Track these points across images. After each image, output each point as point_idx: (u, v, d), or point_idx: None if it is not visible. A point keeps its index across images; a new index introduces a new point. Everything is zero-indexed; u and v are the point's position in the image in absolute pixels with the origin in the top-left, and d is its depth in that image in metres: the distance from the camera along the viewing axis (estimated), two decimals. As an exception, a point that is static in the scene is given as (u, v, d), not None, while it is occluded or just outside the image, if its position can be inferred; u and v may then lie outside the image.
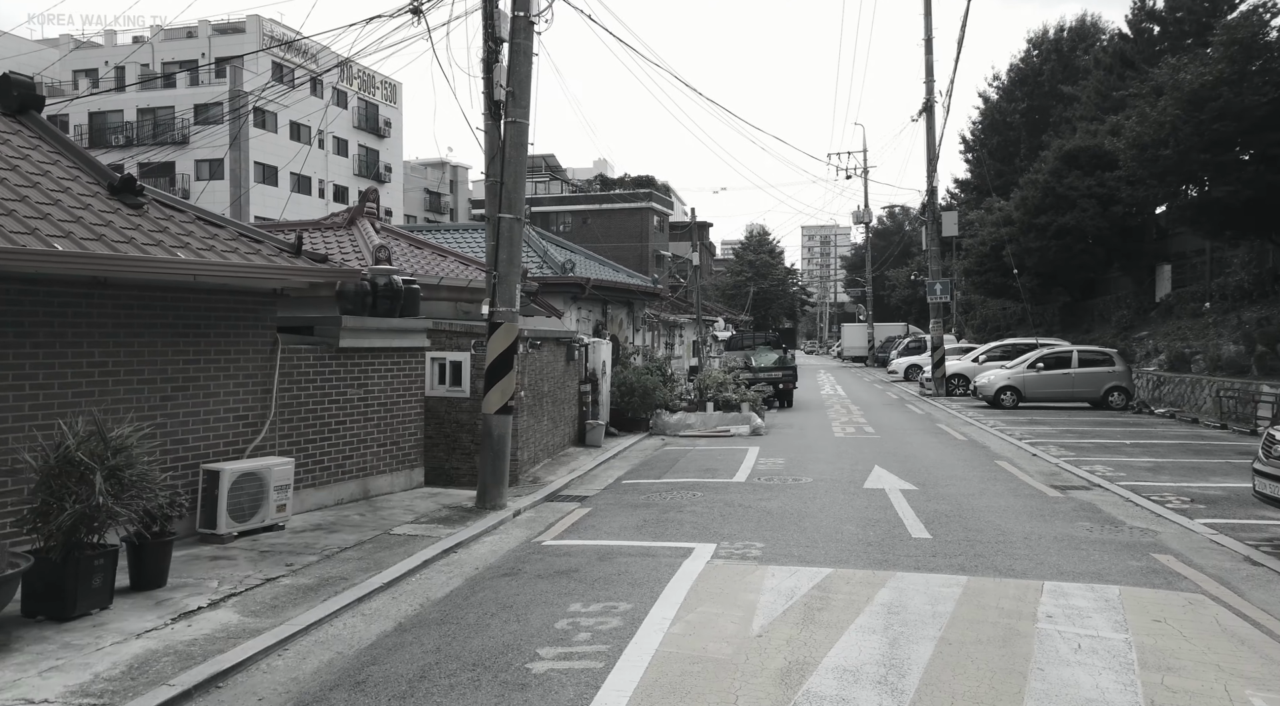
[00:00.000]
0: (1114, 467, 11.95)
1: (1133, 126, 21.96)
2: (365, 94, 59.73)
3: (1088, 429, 17.27)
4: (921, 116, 27.49)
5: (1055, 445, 14.55)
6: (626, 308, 20.41)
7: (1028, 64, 49.44)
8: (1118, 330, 30.47)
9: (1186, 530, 8.03)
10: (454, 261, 14.17)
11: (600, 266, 20.21)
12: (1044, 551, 7.23)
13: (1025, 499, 9.76)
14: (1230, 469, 11.70)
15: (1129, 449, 13.99)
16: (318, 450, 8.90)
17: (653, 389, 16.93)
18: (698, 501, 9.71)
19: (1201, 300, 26.21)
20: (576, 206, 72.12)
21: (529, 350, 11.70)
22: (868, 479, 11.23)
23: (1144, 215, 30.03)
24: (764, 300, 77.09)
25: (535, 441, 12.17)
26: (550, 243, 19.66)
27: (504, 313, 9.15)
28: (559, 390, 13.54)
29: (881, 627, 5.16)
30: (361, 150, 59.55)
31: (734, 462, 12.92)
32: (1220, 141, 19.32)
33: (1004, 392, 22.29)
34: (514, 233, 9.22)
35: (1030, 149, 43.75)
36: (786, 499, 9.81)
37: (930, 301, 27.88)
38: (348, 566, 6.81)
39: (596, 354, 16.32)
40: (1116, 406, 21.67)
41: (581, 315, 18.07)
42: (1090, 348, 23.18)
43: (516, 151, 9.19)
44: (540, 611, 5.63)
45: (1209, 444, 14.59)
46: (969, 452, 13.96)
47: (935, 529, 8.12)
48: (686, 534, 8.00)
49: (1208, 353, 21.88)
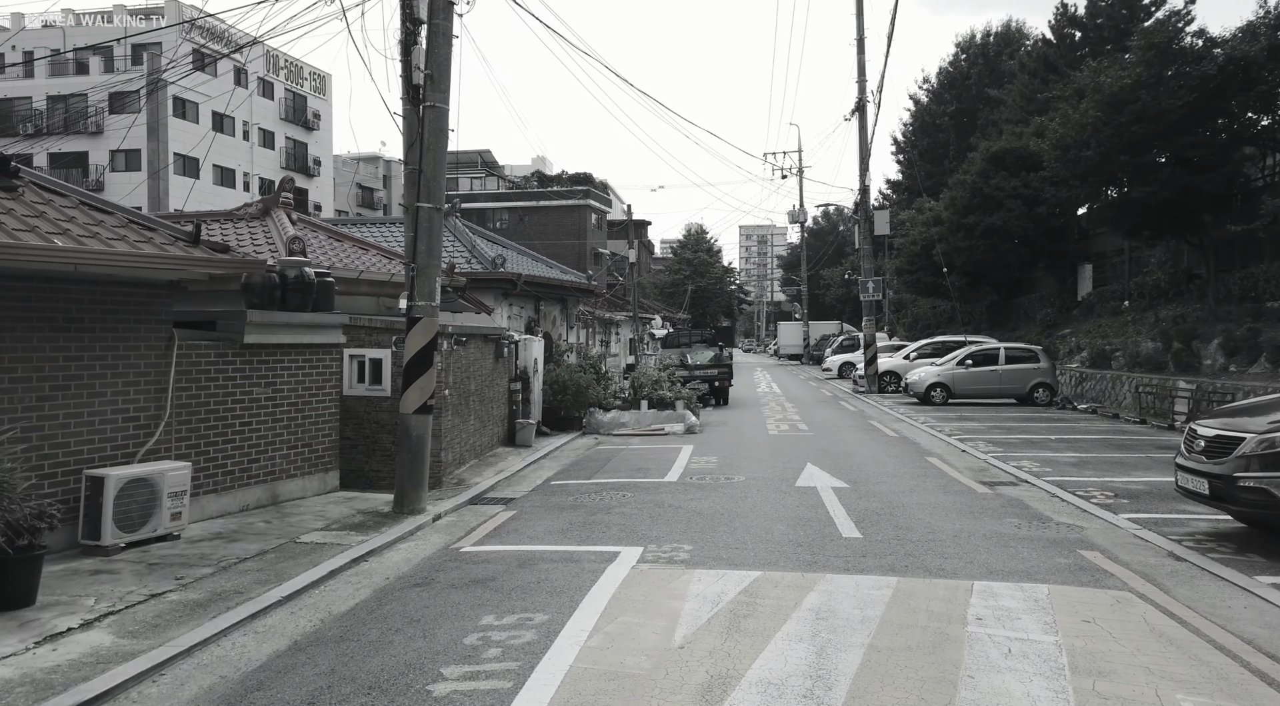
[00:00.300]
0: (1040, 463, 12.07)
1: (1056, 128, 22.46)
2: (293, 85, 57.88)
3: (1014, 424, 17.55)
4: (854, 116, 27.74)
5: (984, 441, 14.69)
6: (560, 305, 20.00)
7: (956, 68, 50.56)
8: (1042, 328, 31.27)
9: (1111, 525, 8.05)
10: (377, 255, 13.61)
11: (534, 262, 19.78)
12: (973, 549, 7.14)
13: (955, 495, 9.73)
14: (1151, 463, 11.92)
15: (1054, 444, 14.20)
16: (220, 453, 8.32)
17: (586, 387, 16.59)
18: (627, 502, 9.42)
19: (1121, 299, 27.04)
20: (513, 203, 71.21)
21: (454, 347, 11.25)
22: (800, 477, 11.10)
23: (1067, 216, 30.87)
24: (702, 298, 77.36)
25: (461, 441, 11.72)
26: (482, 237, 19.14)
27: (423, 307, 8.70)
28: (487, 388, 13.10)
29: (809, 635, 4.93)
30: (289, 142, 57.69)
31: (667, 462, 12.67)
32: (1139, 143, 19.86)
33: (934, 389, 22.59)
34: (434, 223, 8.78)
35: (959, 151, 44.70)
36: (718, 498, 9.59)
37: (863, 300, 28.16)
38: (245, 579, 6.31)
39: (528, 351, 15.91)
40: (1041, 402, 22.16)
41: (513, 312, 17.62)
42: (1016, 345, 23.68)
43: (436, 138, 8.74)
44: (450, 625, 5.25)
45: (1130, 439, 14.92)
46: (900, 449, 13.99)
47: (866, 528, 7.98)
48: (613, 537, 7.70)
49: (1127, 349, 22.54)
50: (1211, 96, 18.95)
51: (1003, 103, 39.80)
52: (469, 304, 14.73)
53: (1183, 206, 20.37)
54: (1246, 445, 6.72)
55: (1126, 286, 26.81)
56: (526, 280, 17.19)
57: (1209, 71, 18.66)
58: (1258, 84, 18.59)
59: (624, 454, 13.76)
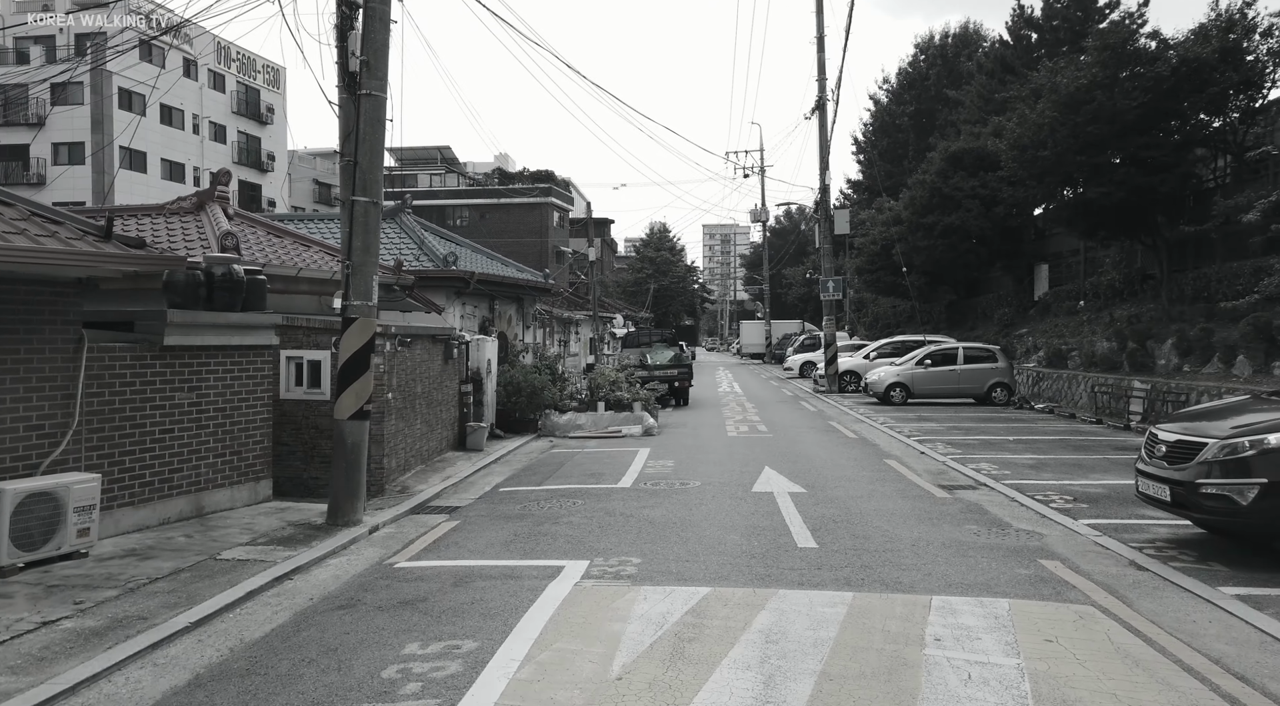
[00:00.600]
0: (999, 465, 11.92)
1: (1013, 128, 22.52)
2: (246, 78, 56.44)
3: (973, 425, 17.48)
4: (814, 114, 27.62)
5: (942, 442, 14.55)
6: (516, 304, 19.53)
7: (915, 68, 50.92)
8: (1000, 327, 31.48)
9: (1071, 532, 7.86)
10: (320, 252, 13.04)
11: (489, 260, 19.28)
12: (932, 560, 6.87)
13: (913, 500, 9.50)
14: (1109, 465, 11.83)
15: (1012, 445, 14.10)
16: (137, 463, 7.77)
17: (541, 388, 16.16)
18: (577, 510, 9.03)
19: (1076, 299, 27.27)
20: (474, 200, 70.33)
21: (398, 348, 10.77)
22: (757, 481, 10.80)
23: (1024, 216, 31.12)
24: (664, 297, 77.15)
25: (406, 447, 11.24)
26: (434, 234, 18.60)
27: (359, 306, 8.22)
28: (435, 391, 12.62)
29: (757, 661, 4.59)
30: (242, 137, 56.25)
31: (621, 466, 12.30)
32: (1094, 144, 19.95)
33: (893, 389, 22.53)
34: (370, 218, 8.29)
35: (918, 151, 44.99)
36: (671, 506, 9.24)
37: (823, 299, 28.07)
38: (153, 602, 5.82)
39: (480, 352, 15.44)
40: (999, 402, 22.20)
41: (466, 311, 17.12)
42: (974, 345, 23.72)
43: (373, 128, 8.27)
44: (369, 655, 4.82)
45: (1087, 439, 14.89)
46: (859, 451, 13.78)
47: (822, 536, 7.69)
48: (559, 549, 7.31)
49: (1083, 349, 22.68)
50: (1165, 98, 19.08)
51: (961, 103, 40.10)
52: (418, 303, 14.22)
53: (1137, 207, 20.51)
54: (1209, 451, 6.54)
55: (1082, 286, 27.05)
56: (480, 279, 16.70)
57: (1163, 72, 18.79)
58: (1209, 86, 18.75)
59: (578, 458, 13.37)
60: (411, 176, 73.86)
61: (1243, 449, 6.37)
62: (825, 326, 28.23)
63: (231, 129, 54.97)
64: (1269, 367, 15.18)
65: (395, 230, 17.71)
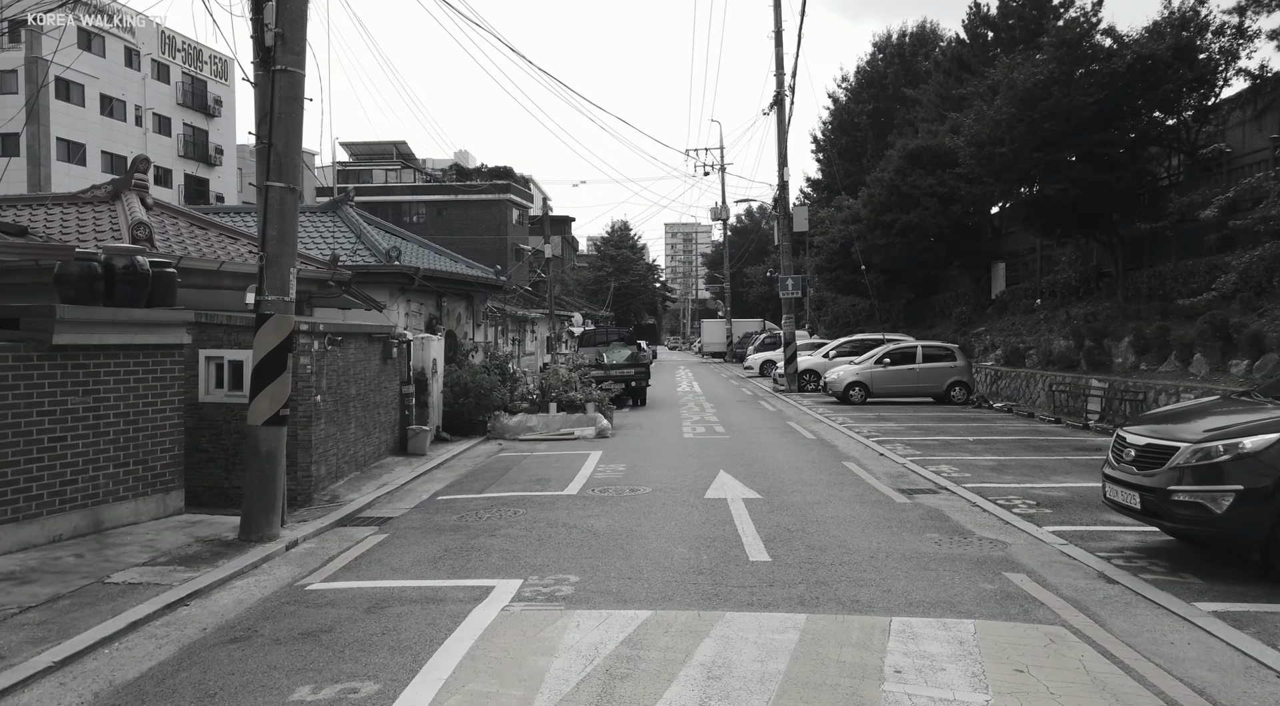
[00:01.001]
0: (959, 467, 11.57)
1: (971, 125, 22.36)
2: (192, 69, 54.65)
3: (932, 425, 17.20)
4: (773, 109, 27.26)
5: (901, 443, 14.21)
6: (466, 301, 18.82)
7: (873, 67, 50.99)
8: (958, 326, 31.47)
9: (1036, 540, 7.46)
10: (248, 245, 12.26)
11: (436, 256, 18.55)
12: (891, 574, 6.42)
13: (872, 506, 9.07)
14: (1070, 467, 11.54)
15: (972, 446, 13.79)
16: (22, 475, 7.00)
17: (489, 389, 15.51)
18: (518, 521, 8.44)
19: (1033, 297, 27.29)
20: (430, 197, 69.07)
21: (328, 347, 10.07)
22: (711, 486, 10.30)
23: (981, 215, 31.15)
24: (625, 295, 76.60)
25: (338, 453, 10.54)
26: (377, 228, 17.82)
27: (275, 302, 7.53)
28: (373, 392, 11.91)
29: (697, 703, 4.06)
30: (188, 129, 54.44)
31: (570, 471, 11.73)
32: (1051, 141, 19.83)
33: (853, 388, 22.24)
34: (286, 205, 7.61)
35: (876, 149, 45.03)
36: (618, 515, 8.69)
37: (782, 297, 27.75)
38: (17, 636, 5.11)
39: (425, 351, 14.74)
40: (958, 401, 22.02)
41: (411, 309, 16.39)
42: (933, 343, 23.54)
43: (289, 107, 7.58)
44: (251, 702, 4.19)
45: (1046, 439, 14.65)
46: (817, 453, 13.36)
47: (776, 548, 7.19)
48: (491, 567, 6.71)
49: (1040, 348, 22.61)
50: (1121, 94, 19.02)
51: (919, 102, 40.16)
52: (357, 300, 13.49)
53: (1093, 205, 20.45)
54: (1180, 456, 6.16)
55: (1039, 285, 27.07)
56: (425, 274, 15.98)
57: (1118, 68, 18.71)
58: (1164, 82, 18.71)
59: (526, 462, 12.76)
60: (366, 172, 72.32)
61: (1216, 453, 6.00)
62: (784, 325, 27.90)
63: (177, 121, 53.17)
64: (1225, 366, 15.09)
65: (337, 223, 16.92)
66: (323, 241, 16.12)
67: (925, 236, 30.54)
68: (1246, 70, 19.24)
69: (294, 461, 9.32)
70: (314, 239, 16.12)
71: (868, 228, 31.98)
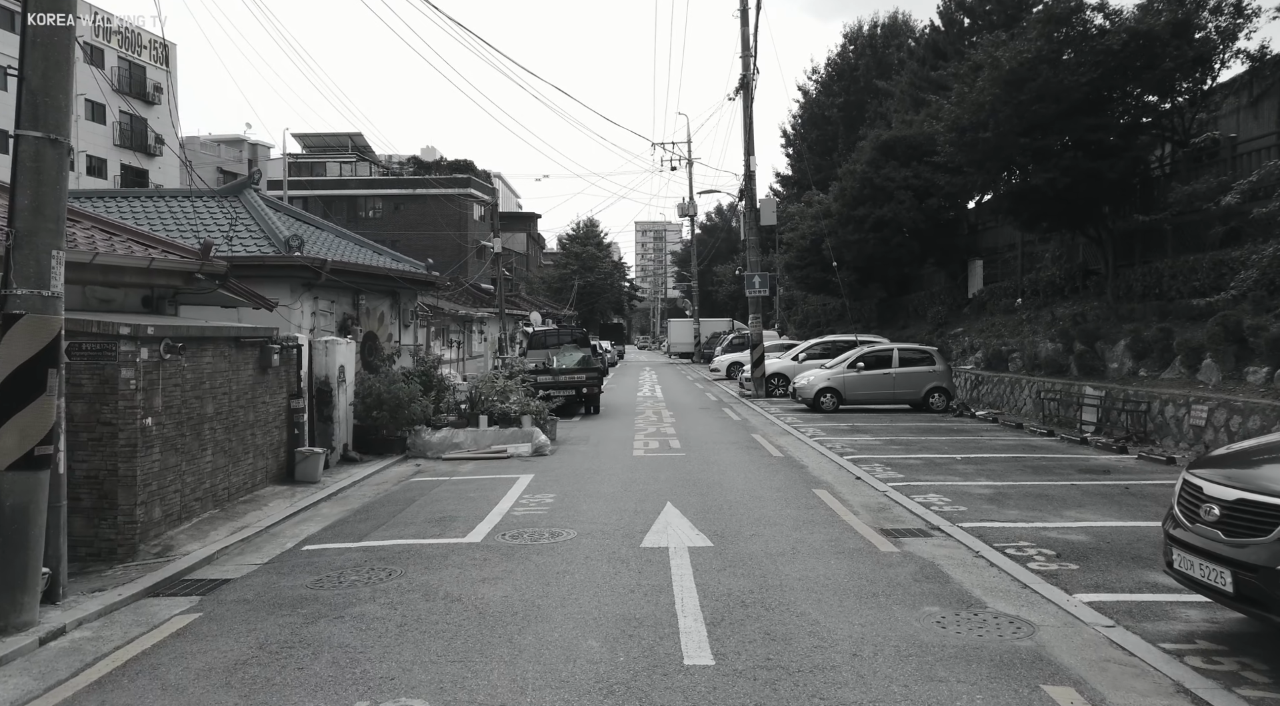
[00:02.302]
0: (951, 497, 9.71)
1: (951, 109, 20.62)
2: (129, 53, 51.65)
3: (912, 438, 15.40)
4: (739, 94, 25.39)
5: (880, 463, 12.35)
6: (390, 299, 16.67)
7: (844, 59, 49.51)
8: (933, 326, 29.85)
9: (1070, 619, 5.58)
10: (94, 229, 10.06)
11: (358, 248, 16.37)
12: (883, 688, 4.49)
13: (851, 559, 7.15)
14: (1081, 496, 9.72)
15: (961, 467, 11.96)
16: None
17: (407, 400, 13.41)
18: (387, 589, 6.40)
19: (1014, 296, 25.70)
20: (387, 191, 66.47)
21: (164, 357, 7.94)
22: (652, 528, 8.34)
23: (958, 209, 29.56)
24: (591, 294, 74.49)
25: (186, 487, 8.41)
26: (287, 214, 15.63)
27: (27, 298, 5.41)
28: (244, 409, 9.79)
29: None
30: (124, 117, 51.43)
31: (486, 503, 9.70)
32: (1039, 125, 18.14)
33: (824, 395, 20.43)
34: (46, 163, 5.48)
35: (847, 144, 43.52)
36: (523, 578, 6.68)
37: (749, 295, 25.89)
38: None
39: (329, 357, 12.63)
40: (937, 408, 20.29)
41: (320, 308, 14.23)
42: (910, 346, 21.79)
43: (50, 36, 5.47)
44: None
45: (1044, 457, 12.87)
46: (783, 477, 11.44)
47: (724, 638, 5.24)
48: (309, 684, 4.66)
49: (1025, 350, 20.96)
50: (1114, 74, 17.38)
51: (891, 95, 38.66)
52: (239, 296, 11.32)
53: (1082, 196, 18.81)
54: (1297, 519, 4.28)
55: (1019, 283, 25.48)
56: (337, 268, 13.84)
57: (1113, 46, 17.05)
58: (1162, 61, 17.08)
59: (439, 491, 10.70)
60: (320, 165, 69.48)
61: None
62: (751, 325, 26.06)
63: (112, 108, 50.13)
64: (1240, 373, 13.42)
65: (237, 210, 14.70)
66: (216, 229, 13.92)
67: (899, 231, 28.89)
68: (1245, 52, 17.70)
69: (113, 503, 7.23)
70: (206, 226, 13.92)
71: (839, 223, 30.27)
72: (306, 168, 69.20)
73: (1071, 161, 17.95)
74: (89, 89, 48.71)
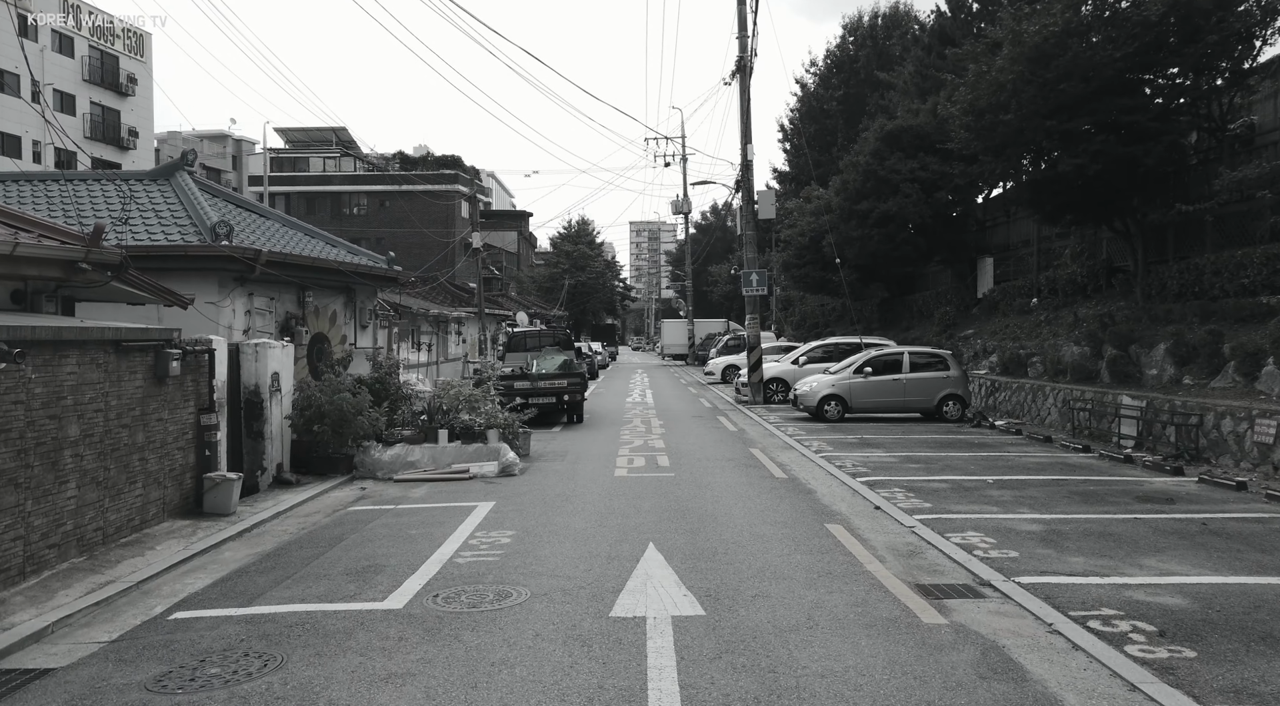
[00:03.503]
0: (994, 535, 7.97)
1: (965, 93, 18.87)
2: (101, 42, 49.68)
3: (931, 454, 13.66)
4: (735, 78, 23.62)
5: (900, 487, 10.61)
6: (345, 296, 14.85)
7: (843, 51, 47.83)
8: (941, 328, 28.12)
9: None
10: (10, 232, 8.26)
11: (308, 239, 14.53)
12: None
13: (887, 638, 5.39)
14: (1153, 536, 7.98)
15: (995, 493, 10.22)
16: None
17: (353, 413, 11.61)
18: (247, 699, 4.62)
19: (1029, 295, 24.01)
20: (373, 187, 64.58)
21: (12, 365, 6.15)
22: (628, 584, 6.58)
23: (967, 203, 27.85)
24: (582, 294, 72.63)
25: (32, 534, 6.61)
26: (220, 197, 13.83)
27: None
28: (128, 429, 7.99)
29: None
30: (96, 108, 49.48)
31: (429, 544, 7.93)
32: (1067, 106, 16.42)
33: (828, 402, 18.68)
34: None
35: (847, 138, 41.90)
36: (444, 673, 4.90)
37: (746, 294, 24.13)
38: None
39: (261, 362, 10.86)
40: (952, 418, 18.56)
41: (257, 305, 12.42)
42: (922, 349, 20.04)
43: None
44: None
45: (1089, 480, 11.12)
46: (789, 506, 9.68)
47: (718, 798, 3.47)
48: None
49: (1046, 354, 19.24)
50: (1150, 50, 15.67)
51: (893, 86, 36.95)
52: (142, 290, 9.50)
53: (1112, 185, 17.10)
54: None
55: (1035, 281, 23.78)
56: (275, 260, 12.03)
57: (1150, 17, 15.33)
58: (1204, 34, 15.35)
59: (375, 526, 8.92)
60: (303, 160, 67.52)
61: None
62: (749, 326, 24.30)
63: (83, 99, 48.23)
64: (1311, 382, 11.71)
65: (166, 194, 12.90)
66: (138, 215, 12.12)
67: (905, 227, 27.15)
68: (1286, 30, 15.99)
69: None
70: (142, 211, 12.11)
71: (841, 218, 28.53)
72: (289, 163, 67.27)
73: (1102, 146, 16.23)
74: (59, 79, 46.81)
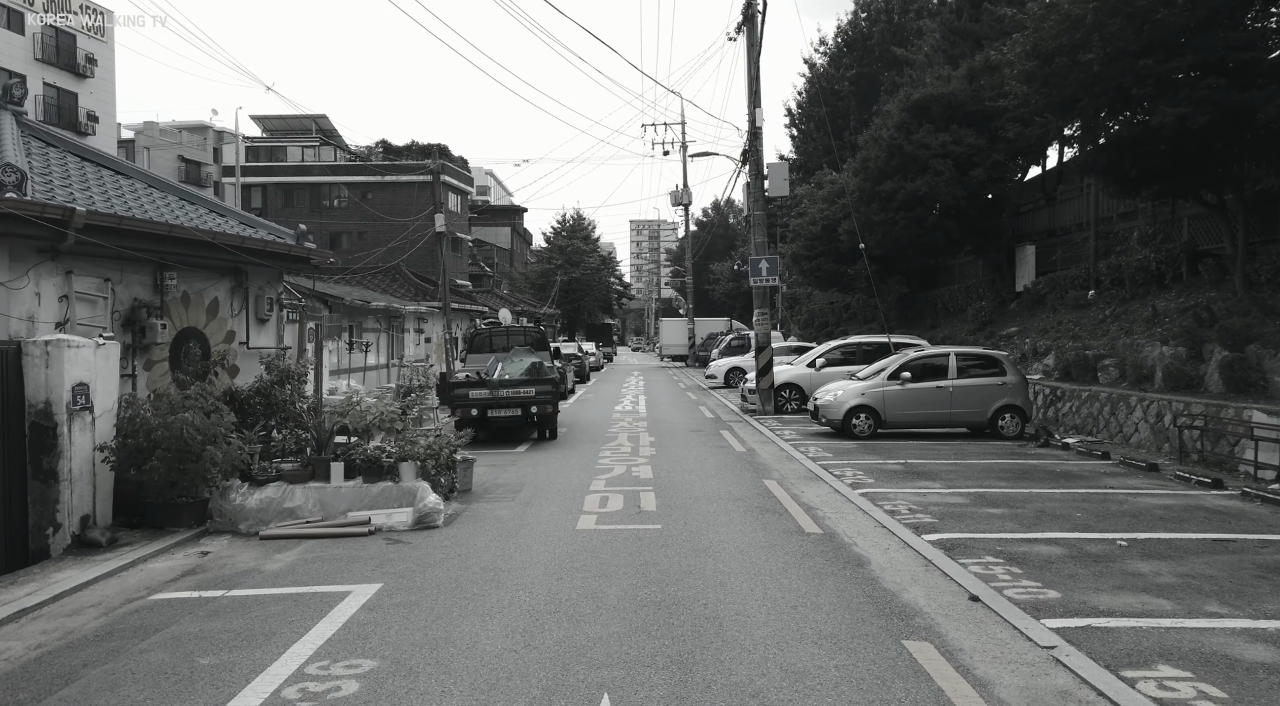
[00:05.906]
0: (1200, 666, 4.45)
1: (1026, 36, 15.36)
2: (56, 18, 46.17)
3: (1008, 489, 10.13)
4: (741, 32, 20.10)
5: (992, 553, 7.09)
6: (233, 279, 11.32)
7: (856, 29, 44.38)
8: (976, 325, 24.62)
9: None
10: None
11: (182, 204, 10.99)
12: None
13: None
14: None
15: (1141, 565, 6.69)
16: None
17: (199, 442, 8.08)
18: None
19: (1084, 287, 20.51)
20: (355, 178, 61.00)
21: None
22: None
23: (1004, 182, 24.32)
24: (577, 291, 69.03)
25: None
26: (48, 142, 10.34)
27: None
28: None
29: None
30: (50, 91, 45.95)
31: (223, 689, 4.41)
32: (1164, 42, 12.97)
33: (857, 415, 15.15)
34: None
35: (860, 121, 38.41)
36: None
37: (754, 286, 20.59)
38: None
39: (55, 370, 7.39)
40: (1009, 434, 15.02)
41: (80, 288, 8.90)
42: (972, 350, 16.47)
43: None
44: None
45: (1267, 539, 7.58)
46: (836, 597, 6.15)
47: None
48: None
49: (1123, 356, 15.71)
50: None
51: (911, 63, 33.45)
52: None
53: (1210, 146, 13.65)
54: None
55: (1093, 270, 20.27)
56: (98, 224, 8.50)
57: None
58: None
59: (155, 642, 5.41)
60: (281, 149, 63.98)
61: None
62: (757, 323, 20.76)
63: (35, 79, 44.64)
64: None
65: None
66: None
67: (933, 210, 23.64)
68: None
69: None
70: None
71: (861, 200, 25.00)
72: (266, 153, 63.76)
73: (1208, 92, 12.76)
74: (8, 58, 43.32)
